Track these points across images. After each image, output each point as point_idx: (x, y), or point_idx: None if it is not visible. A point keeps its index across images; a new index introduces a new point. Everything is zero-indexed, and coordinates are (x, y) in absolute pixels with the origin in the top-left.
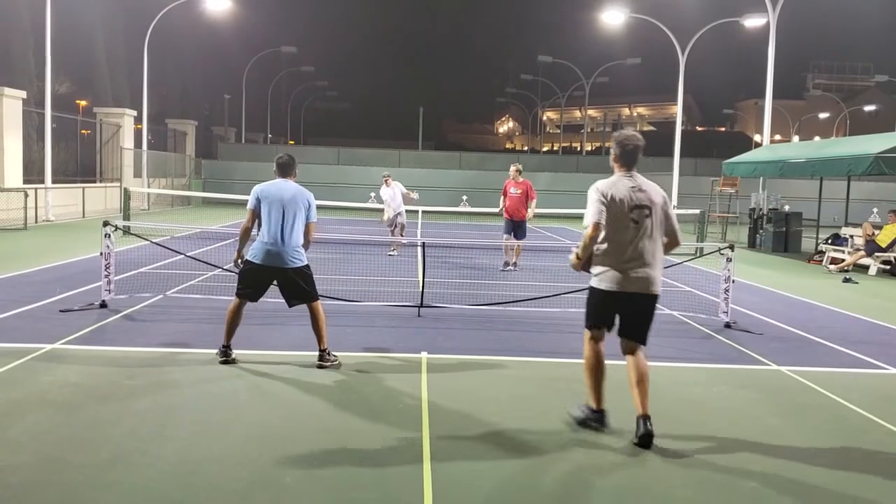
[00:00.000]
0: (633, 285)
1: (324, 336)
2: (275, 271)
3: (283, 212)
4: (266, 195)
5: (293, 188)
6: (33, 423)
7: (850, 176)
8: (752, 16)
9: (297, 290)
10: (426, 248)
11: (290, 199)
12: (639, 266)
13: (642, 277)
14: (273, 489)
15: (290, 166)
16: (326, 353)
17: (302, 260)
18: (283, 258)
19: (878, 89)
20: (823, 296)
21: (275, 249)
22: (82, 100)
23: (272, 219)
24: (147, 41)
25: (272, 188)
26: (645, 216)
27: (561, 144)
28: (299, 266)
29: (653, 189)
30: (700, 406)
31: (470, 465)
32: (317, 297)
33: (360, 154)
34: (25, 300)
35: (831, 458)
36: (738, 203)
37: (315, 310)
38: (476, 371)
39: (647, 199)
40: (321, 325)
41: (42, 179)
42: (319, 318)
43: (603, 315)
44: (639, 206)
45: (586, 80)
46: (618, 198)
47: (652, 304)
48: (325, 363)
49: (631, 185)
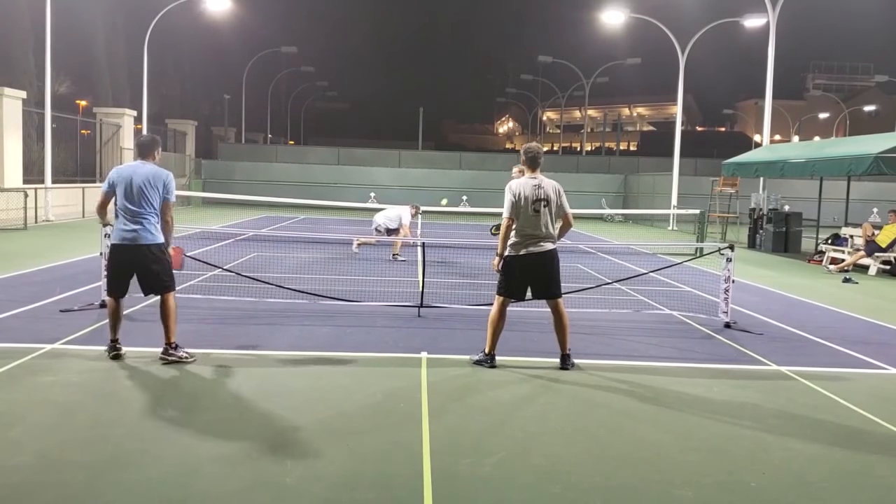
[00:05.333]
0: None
1: (171, 330)
2: (131, 251)
3: (136, 192)
4: (119, 178)
5: (148, 169)
6: (33, 423)
7: (850, 176)
8: (752, 16)
9: (151, 275)
10: (426, 248)
11: (142, 180)
12: (536, 241)
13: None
14: (273, 489)
15: (147, 147)
16: (172, 347)
17: (156, 239)
18: (136, 237)
19: (878, 89)
20: (823, 296)
21: (129, 231)
22: (82, 100)
23: (126, 200)
24: (147, 41)
25: (125, 170)
26: (543, 206)
27: (561, 144)
28: (154, 244)
29: (549, 186)
30: (700, 406)
31: (470, 465)
32: (170, 287)
33: (360, 154)
34: (25, 300)
35: (831, 458)
36: (738, 203)
37: (165, 301)
38: (476, 371)
39: (544, 194)
40: (170, 317)
41: (42, 179)
42: (169, 308)
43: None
44: (538, 200)
45: (586, 80)
46: (524, 194)
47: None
48: (168, 357)
49: (533, 184)
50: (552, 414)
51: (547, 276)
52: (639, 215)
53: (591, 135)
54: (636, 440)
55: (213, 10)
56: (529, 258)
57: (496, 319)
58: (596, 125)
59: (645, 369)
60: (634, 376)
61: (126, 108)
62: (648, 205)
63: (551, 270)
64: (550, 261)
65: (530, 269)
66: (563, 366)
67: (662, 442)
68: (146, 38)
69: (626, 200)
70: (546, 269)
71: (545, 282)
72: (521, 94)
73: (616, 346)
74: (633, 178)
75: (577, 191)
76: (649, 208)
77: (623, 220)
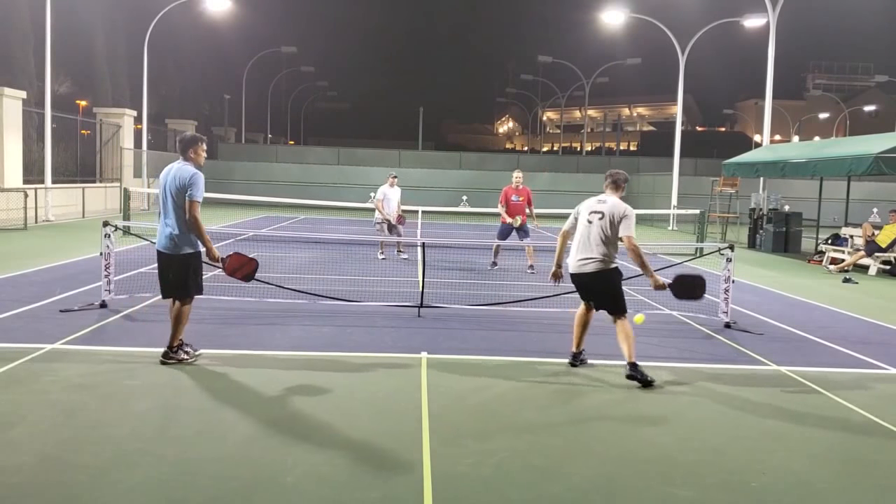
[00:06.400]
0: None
1: (178, 334)
2: (169, 258)
3: (165, 193)
4: (160, 179)
5: (177, 168)
6: (33, 423)
7: (850, 176)
8: (752, 16)
9: (181, 277)
10: (426, 248)
11: (170, 180)
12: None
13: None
14: (273, 489)
15: (183, 144)
16: (173, 350)
17: (182, 249)
18: (166, 243)
19: (878, 89)
20: (823, 296)
21: (161, 235)
22: (82, 100)
23: (159, 202)
24: (147, 41)
25: (164, 171)
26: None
27: (561, 144)
28: (187, 253)
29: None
30: (700, 406)
31: (470, 465)
32: (188, 294)
33: (360, 154)
34: (25, 300)
35: (831, 458)
36: (738, 203)
37: (184, 307)
38: (476, 371)
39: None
40: (181, 321)
41: (42, 179)
42: (183, 314)
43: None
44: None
45: (586, 80)
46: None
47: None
48: (168, 360)
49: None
50: (552, 414)
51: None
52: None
53: (592, 135)
54: (636, 440)
55: (213, 11)
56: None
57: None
58: (596, 125)
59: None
60: None
61: (126, 108)
62: (648, 205)
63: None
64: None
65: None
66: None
67: (662, 442)
68: (146, 38)
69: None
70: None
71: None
72: (521, 94)
73: (616, 346)
74: (633, 179)
75: (577, 191)
76: (649, 208)
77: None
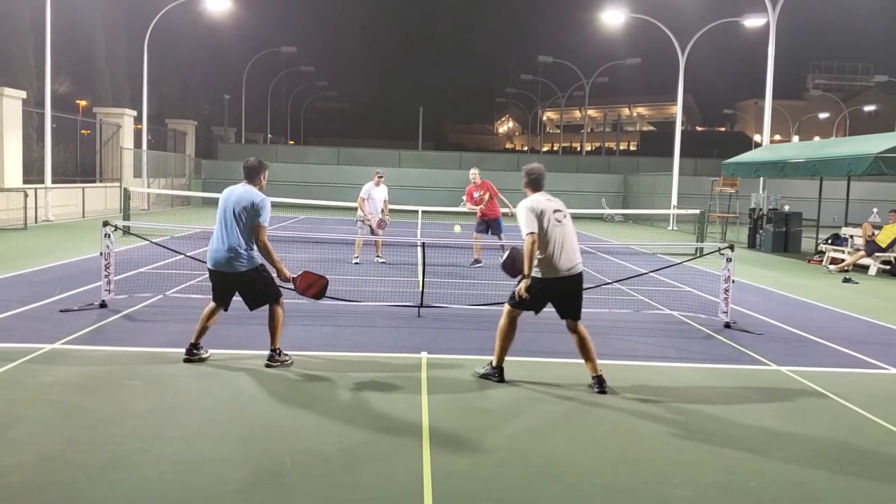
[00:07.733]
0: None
1: (276, 337)
2: (224, 276)
3: (227, 214)
4: (221, 199)
5: (241, 190)
6: (33, 423)
7: (850, 176)
8: (752, 16)
9: (250, 292)
10: (426, 248)
11: (233, 203)
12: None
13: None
14: (273, 489)
15: (248, 171)
16: (277, 353)
17: (245, 264)
18: (223, 262)
19: (878, 89)
20: (823, 296)
21: (217, 254)
22: (82, 100)
23: (216, 222)
24: (147, 41)
25: (226, 191)
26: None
27: (561, 144)
28: (244, 270)
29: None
30: (700, 406)
31: (470, 465)
32: (276, 297)
33: (360, 154)
34: (25, 300)
35: (831, 458)
36: (738, 203)
37: (273, 310)
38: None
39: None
40: (276, 326)
41: (42, 179)
42: (276, 318)
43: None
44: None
45: (586, 80)
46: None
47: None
48: (273, 363)
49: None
50: (552, 414)
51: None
52: (639, 215)
53: (591, 135)
54: (636, 440)
55: (213, 10)
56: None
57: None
58: (596, 125)
59: (645, 369)
60: (634, 376)
61: (126, 108)
62: (648, 205)
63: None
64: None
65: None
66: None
67: (662, 442)
68: (146, 38)
69: (626, 200)
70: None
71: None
72: (521, 94)
73: (616, 346)
74: (633, 178)
75: (577, 191)
76: (649, 208)
77: (623, 220)
